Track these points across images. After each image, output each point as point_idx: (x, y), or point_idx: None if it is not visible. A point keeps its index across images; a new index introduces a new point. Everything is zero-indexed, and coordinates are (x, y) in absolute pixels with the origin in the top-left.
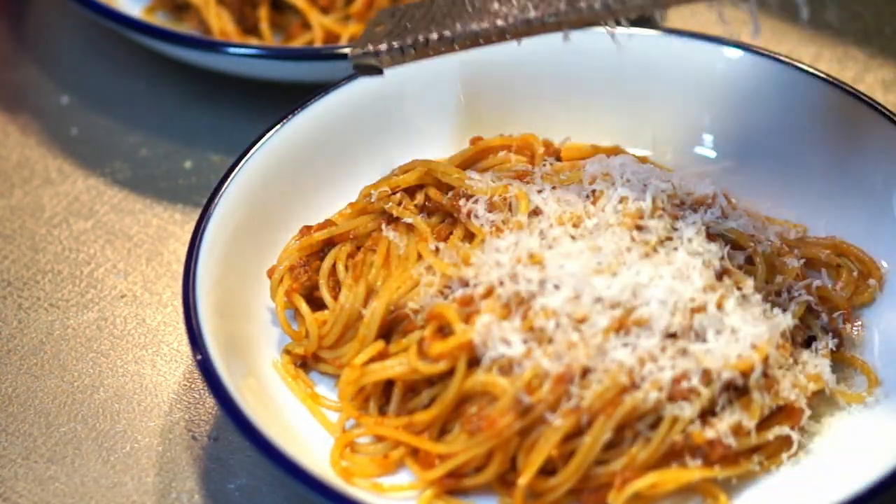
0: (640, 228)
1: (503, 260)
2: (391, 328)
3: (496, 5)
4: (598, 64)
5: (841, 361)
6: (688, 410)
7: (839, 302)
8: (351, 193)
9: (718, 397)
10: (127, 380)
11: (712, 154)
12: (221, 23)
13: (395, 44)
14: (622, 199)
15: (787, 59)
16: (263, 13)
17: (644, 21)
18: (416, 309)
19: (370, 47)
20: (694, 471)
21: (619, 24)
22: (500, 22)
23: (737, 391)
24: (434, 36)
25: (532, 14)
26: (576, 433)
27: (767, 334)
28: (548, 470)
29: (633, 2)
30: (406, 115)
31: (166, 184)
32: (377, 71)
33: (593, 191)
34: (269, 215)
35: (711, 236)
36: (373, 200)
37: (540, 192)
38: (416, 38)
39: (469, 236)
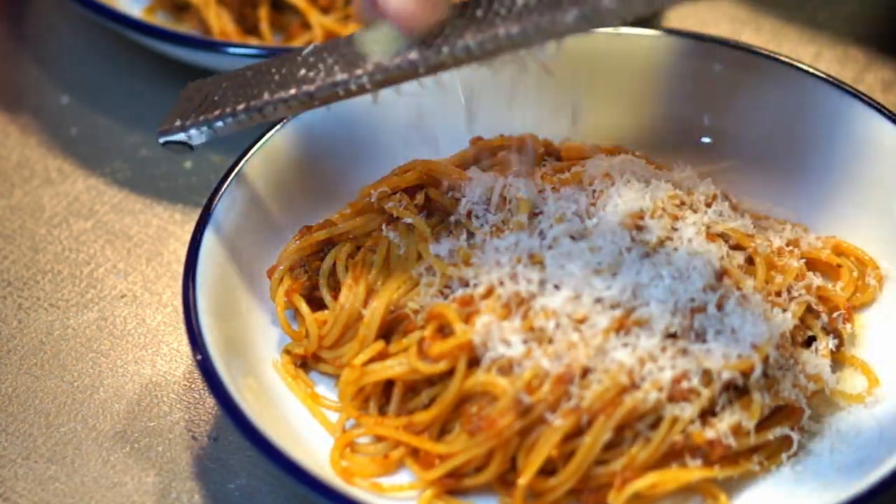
0: (640, 228)
1: (503, 260)
2: (391, 328)
3: (303, 71)
4: (598, 64)
5: (841, 361)
6: (688, 410)
7: (839, 302)
8: (351, 193)
9: (718, 397)
10: (127, 380)
11: (712, 153)
12: (221, 23)
13: (204, 118)
14: (622, 199)
15: (787, 59)
16: (263, 13)
17: (644, 21)
18: (416, 309)
19: (178, 123)
20: (694, 471)
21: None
22: (307, 87)
23: (737, 391)
24: (242, 107)
25: (339, 77)
26: (576, 433)
27: (767, 334)
28: (548, 470)
29: (443, 59)
30: (406, 115)
31: (166, 184)
32: (188, 147)
33: (593, 191)
34: (269, 215)
35: (711, 236)
36: (373, 200)
37: (540, 192)
38: (224, 111)
39: (469, 236)
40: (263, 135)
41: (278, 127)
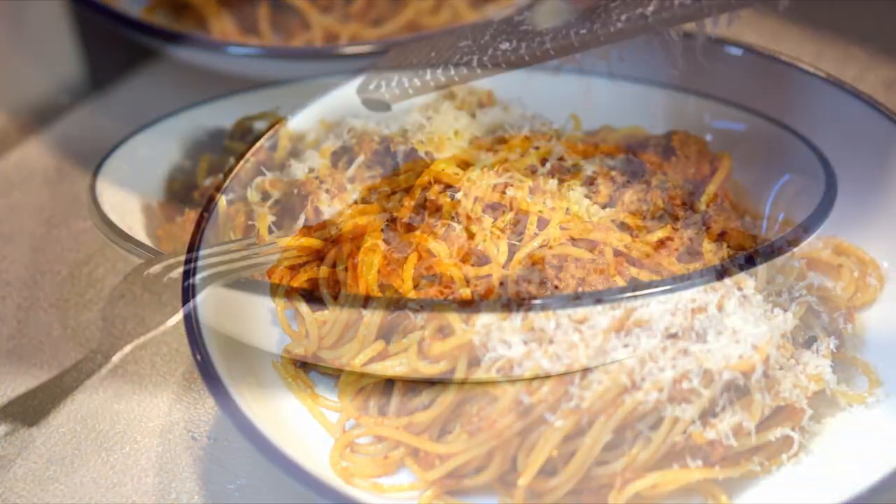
0: (640, 228)
1: (503, 260)
2: (391, 328)
3: (487, 38)
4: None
5: (842, 362)
6: (688, 411)
7: (840, 302)
8: (350, 193)
9: (719, 398)
10: (127, 380)
11: (712, 153)
12: (221, 23)
13: (402, 79)
14: (622, 200)
15: (787, 59)
16: (263, 12)
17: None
18: (416, 309)
19: (376, 81)
20: (694, 471)
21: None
22: (487, 55)
23: (737, 391)
24: (437, 72)
25: (511, 46)
26: (576, 434)
27: (768, 335)
28: (548, 470)
29: (617, 30)
30: (406, 114)
31: (166, 184)
32: (385, 106)
33: (593, 191)
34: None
35: (712, 236)
36: (373, 200)
37: (540, 191)
38: (421, 74)
39: (469, 236)
40: (263, 135)
41: (278, 127)
